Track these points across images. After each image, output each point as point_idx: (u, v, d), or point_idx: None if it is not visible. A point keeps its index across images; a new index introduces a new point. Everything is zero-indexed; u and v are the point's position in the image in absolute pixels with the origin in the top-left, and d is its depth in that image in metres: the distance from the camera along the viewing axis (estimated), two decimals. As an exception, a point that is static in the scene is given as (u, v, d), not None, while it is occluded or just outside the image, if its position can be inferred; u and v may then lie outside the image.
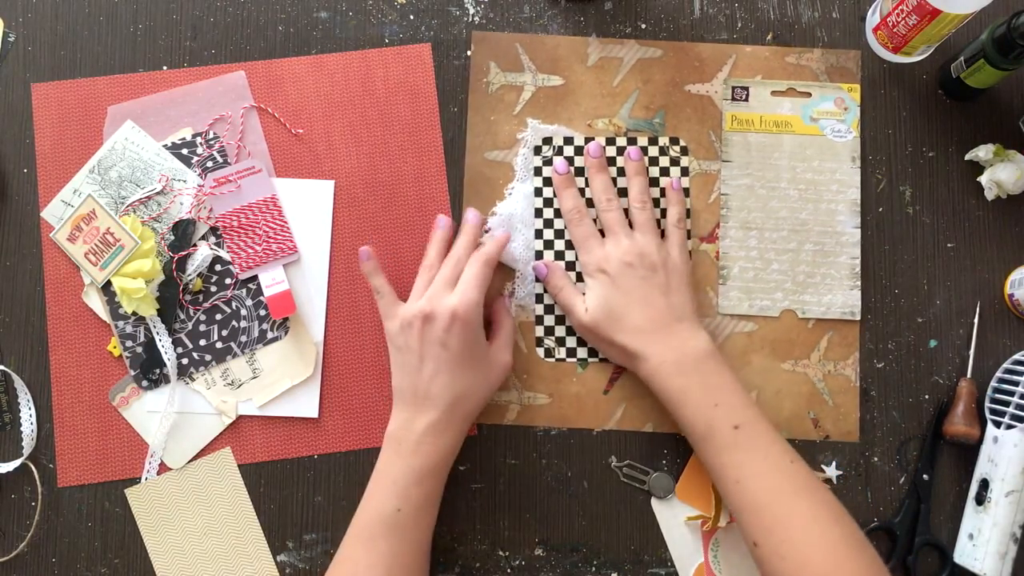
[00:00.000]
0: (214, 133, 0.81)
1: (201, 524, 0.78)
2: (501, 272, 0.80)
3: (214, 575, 0.77)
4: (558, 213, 0.80)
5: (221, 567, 0.78)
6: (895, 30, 0.78)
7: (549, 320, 0.79)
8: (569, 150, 0.81)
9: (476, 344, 0.72)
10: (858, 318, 0.79)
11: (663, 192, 0.80)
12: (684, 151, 0.81)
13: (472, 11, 0.83)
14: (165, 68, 0.82)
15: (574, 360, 0.79)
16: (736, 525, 0.75)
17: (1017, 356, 0.77)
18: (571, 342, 0.79)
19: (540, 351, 0.79)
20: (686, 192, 0.80)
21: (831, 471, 0.78)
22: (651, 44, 0.82)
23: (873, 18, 0.81)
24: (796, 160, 0.81)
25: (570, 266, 0.79)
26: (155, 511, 0.78)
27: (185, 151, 0.81)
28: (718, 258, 0.80)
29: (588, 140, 0.80)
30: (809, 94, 0.82)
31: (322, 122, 0.82)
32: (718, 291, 0.80)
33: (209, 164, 0.81)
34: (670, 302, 0.74)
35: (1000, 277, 0.80)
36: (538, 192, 0.80)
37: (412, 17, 0.83)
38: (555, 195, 0.80)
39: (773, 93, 0.82)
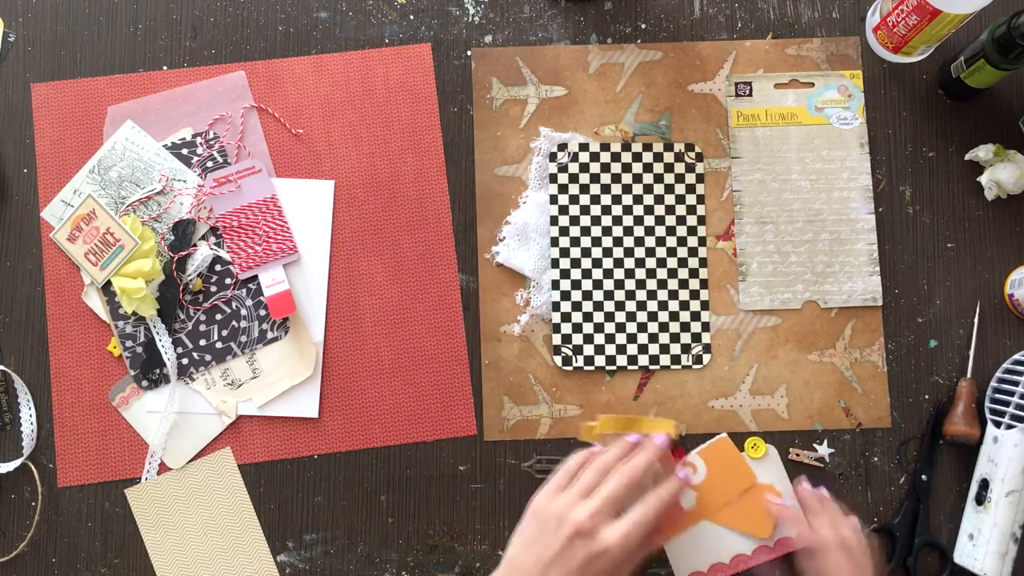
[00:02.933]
0: (214, 133, 0.81)
1: (201, 524, 0.78)
2: (514, 279, 0.80)
3: (214, 575, 0.77)
4: (573, 221, 0.80)
5: (221, 567, 0.78)
6: (895, 30, 0.78)
7: (566, 328, 0.79)
8: (584, 156, 0.80)
9: None
10: (880, 303, 0.80)
11: (679, 199, 0.80)
12: (699, 157, 0.81)
13: (472, 11, 0.83)
14: (165, 68, 0.82)
15: (592, 368, 0.79)
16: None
17: (1017, 356, 0.77)
18: (589, 350, 0.79)
19: (558, 359, 0.79)
20: (701, 199, 0.80)
21: (823, 449, 0.78)
22: (651, 47, 0.82)
23: (873, 18, 0.81)
24: (805, 151, 0.81)
25: (587, 274, 0.79)
26: (155, 511, 0.78)
27: (185, 151, 0.81)
28: (735, 255, 0.80)
29: (604, 146, 0.80)
30: (812, 84, 0.82)
31: (322, 122, 0.82)
32: (738, 288, 0.80)
33: (209, 164, 0.80)
34: None
35: (1000, 277, 0.81)
36: (553, 200, 0.80)
37: (412, 17, 0.83)
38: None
39: (776, 86, 0.82)
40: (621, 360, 0.79)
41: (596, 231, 0.80)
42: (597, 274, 0.79)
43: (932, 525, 0.78)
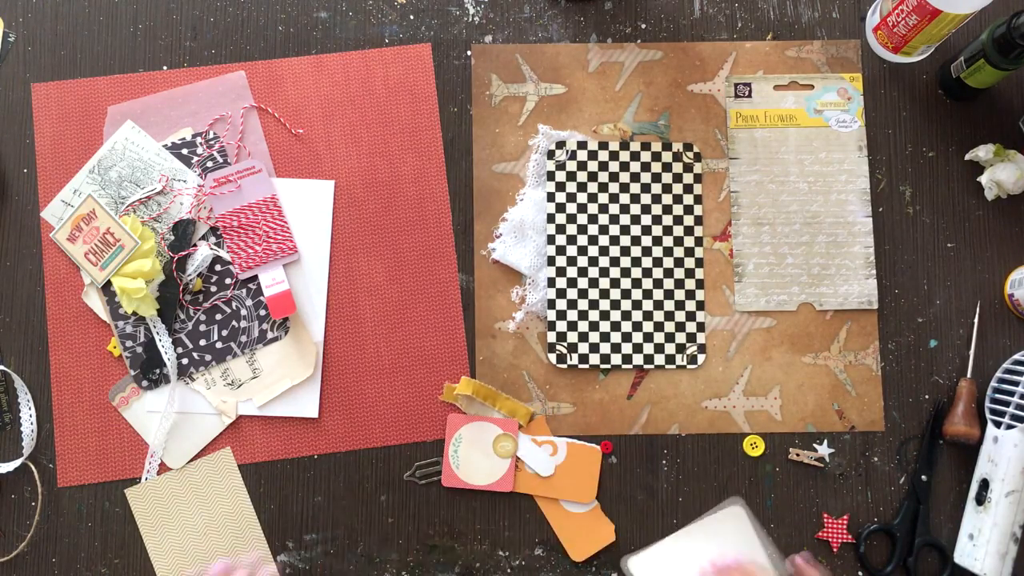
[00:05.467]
0: (214, 133, 0.81)
1: (201, 524, 0.78)
2: (510, 275, 0.80)
3: (214, 575, 0.78)
4: (570, 219, 0.80)
5: (221, 567, 0.78)
6: (895, 30, 0.78)
7: (561, 326, 0.79)
8: (582, 154, 0.80)
9: None
10: (875, 307, 0.80)
11: (677, 199, 0.80)
12: (698, 157, 0.81)
13: (472, 11, 0.83)
14: (165, 68, 0.82)
15: (587, 366, 0.79)
16: (484, 424, 0.75)
17: (1017, 356, 0.77)
18: (583, 348, 0.79)
19: (552, 356, 0.79)
20: (698, 199, 0.80)
21: (823, 449, 0.78)
22: (651, 46, 0.82)
23: (873, 18, 0.81)
24: (803, 153, 0.81)
25: (583, 272, 0.79)
26: (155, 511, 0.78)
27: (185, 151, 0.81)
28: (732, 256, 0.80)
29: (602, 145, 0.80)
30: (812, 86, 0.82)
31: (322, 122, 0.82)
32: (734, 289, 0.80)
33: (209, 164, 0.81)
34: None
35: (1000, 277, 0.80)
36: (550, 197, 0.80)
37: (412, 17, 0.83)
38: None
39: (776, 88, 0.82)
40: (615, 359, 0.79)
41: (593, 229, 0.80)
42: (593, 272, 0.80)
43: (932, 525, 0.78)
